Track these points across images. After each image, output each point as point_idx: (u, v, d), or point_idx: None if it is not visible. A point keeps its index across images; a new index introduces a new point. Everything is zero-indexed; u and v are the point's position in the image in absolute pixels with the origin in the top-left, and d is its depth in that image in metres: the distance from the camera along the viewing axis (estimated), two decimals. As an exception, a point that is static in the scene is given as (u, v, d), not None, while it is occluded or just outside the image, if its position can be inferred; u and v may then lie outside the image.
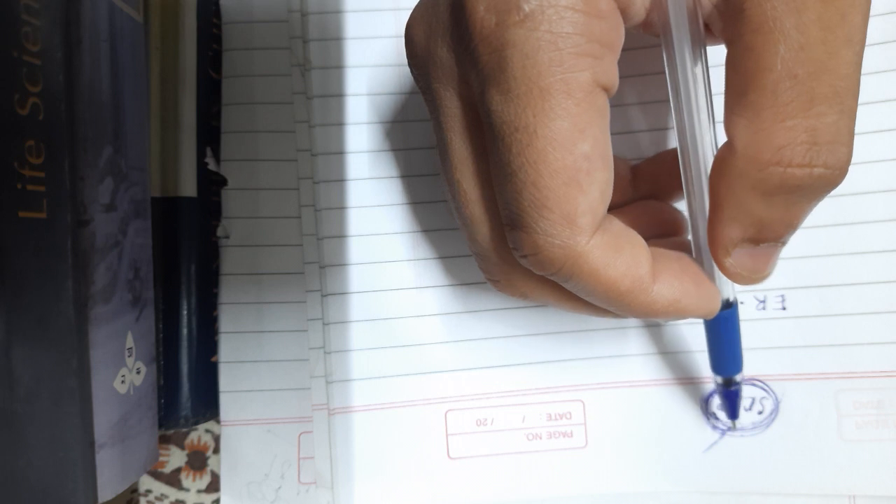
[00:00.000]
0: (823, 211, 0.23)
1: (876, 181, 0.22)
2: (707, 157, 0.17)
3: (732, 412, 0.22)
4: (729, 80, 0.15)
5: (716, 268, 0.18)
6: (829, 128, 0.14)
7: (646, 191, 0.21)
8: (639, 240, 0.16)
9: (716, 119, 0.17)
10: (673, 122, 0.18)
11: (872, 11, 0.22)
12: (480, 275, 0.24)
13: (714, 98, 0.17)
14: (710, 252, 0.17)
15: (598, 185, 0.15)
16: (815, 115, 0.14)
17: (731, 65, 0.15)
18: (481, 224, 0.18)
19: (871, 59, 0.22)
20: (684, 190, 0.18)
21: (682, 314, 0.17)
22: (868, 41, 0.22)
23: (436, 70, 0.17)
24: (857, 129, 0.22)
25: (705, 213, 0.17)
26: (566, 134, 0.14)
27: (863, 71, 0.22)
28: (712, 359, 0.21)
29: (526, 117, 0.14)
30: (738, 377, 0.21)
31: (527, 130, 0.14)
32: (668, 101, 0.17)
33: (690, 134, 0.17)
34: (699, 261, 0.18)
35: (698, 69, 0.16)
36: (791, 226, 0.16)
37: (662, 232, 0.21)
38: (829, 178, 0.14)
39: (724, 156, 0.15)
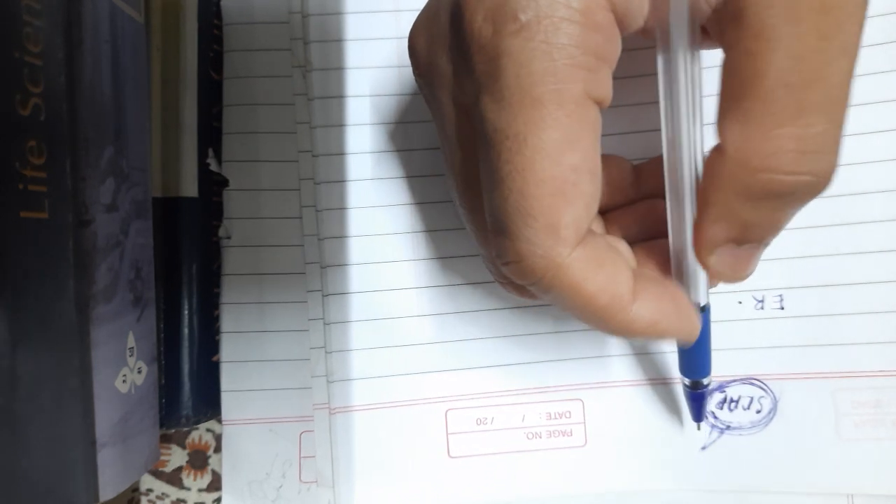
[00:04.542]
0: (822, 211, 0.23)
1: (874, 181, 0.23)
2: (697, 161, 0.17)
3: (697, 415, 0.22)
4: (725, 85, 0.15)
5: (696, 276, 0.18)
6: (817, 137, 0.14)
7: (648, 191, 0.21)
8: (621, 259, 0.16)
9: (704, 122, 0.17)
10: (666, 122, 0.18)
11: (872, 11, 0.22)
12: (480, 275, 0.24)
13: (704, 99, 0.17)
14: (695, 250, 0.17)
15: (583, 198, 0.15)
16: (804, 125, 0.14)
17: (729, 69, 0.15)
18: (482, 229, 0.18)
19: (871, 59, 0.22)
20: (667, 191, 0.18)
21: (661, 336, 0.17)
22: (868, 41, 0.22)
23: (437, 77, 0.17)
24: (856, 130, 0.23)
25: (691, 215, 0.17)
26: (555, 145, 0.14)
27: (863, 71, 0.22)
28: (681, 361, 0.21)
29: (517, 125, 0.15)
30: (705, 380, 0.21)
31: (517, 139, 0.15)
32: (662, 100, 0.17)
33: (680, 137, 0.17)
34: (678, 264, 0.18)
35: (692, 72, 0.16)
36: (774, 229, 0.16)
37: (665, 231, 0.21)
38: (813, 186, 0.15)
39: (714, 158, 0.16)
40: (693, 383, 0.21)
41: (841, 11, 0.14)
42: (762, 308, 0.23)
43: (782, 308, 0.23)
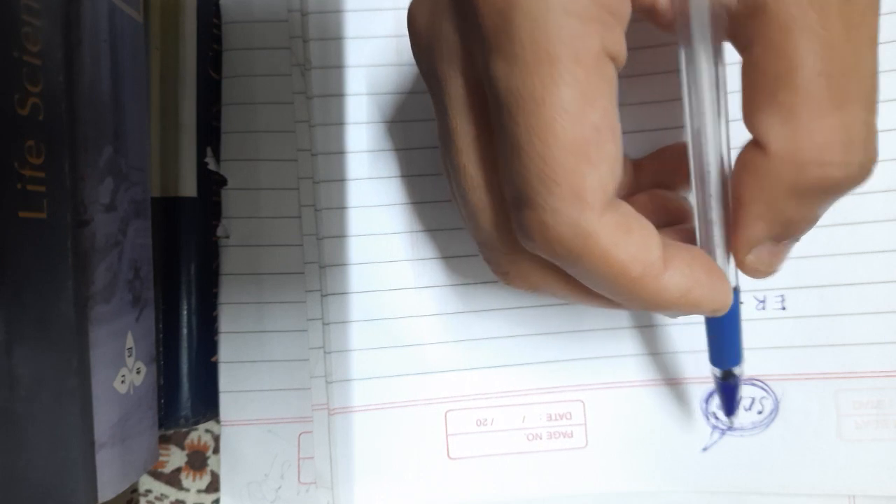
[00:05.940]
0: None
1: (876, 181, 0.22)
2: (724, 159, 0.17)
3: (729, 408, 0.21)
4: (752, 81, 0.15)
5: (724, 267, 0.17)
6: (862, 126, 0.14)
7: (647, 186, 0.21)
8: (648, 223, 0.15)
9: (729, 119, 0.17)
10: (682, 122, 0.17)
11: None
12: (481, 274, 0.24)
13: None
14: (733, 248, 0.17)
15: (607, 158, 0.14)
16: (848, 113, 0.14)
17: (755, 65, 0.15)
18: (487, 210, 0.17)
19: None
20: (693, 187, 0.17)
21: (693, 306, 0.16)
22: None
23: (440, 49, 0.17)
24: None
25: (719, 209, 0.17)
26: (575, 103, 0.14)
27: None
28: (711, 350, 0.20)
29: (532, 85, 0.14)
30: (736, 370, 0.20)
31: (533, 99, 0.14)
32: (677, 100, 0.17)
33: (705, 136, 0.16)
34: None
35: (716, 69, 0.16)
36: (812, 223, 0.16)
37: (668, 220, 0.20)
38: (860, 176, 0.15)
39: (753, 157, 0.15)
40: (724, 374, 0.20)
41: (862, 2, 0.14)
42: (763, 308, 0.23)
43: (784, 308, 0.23)
